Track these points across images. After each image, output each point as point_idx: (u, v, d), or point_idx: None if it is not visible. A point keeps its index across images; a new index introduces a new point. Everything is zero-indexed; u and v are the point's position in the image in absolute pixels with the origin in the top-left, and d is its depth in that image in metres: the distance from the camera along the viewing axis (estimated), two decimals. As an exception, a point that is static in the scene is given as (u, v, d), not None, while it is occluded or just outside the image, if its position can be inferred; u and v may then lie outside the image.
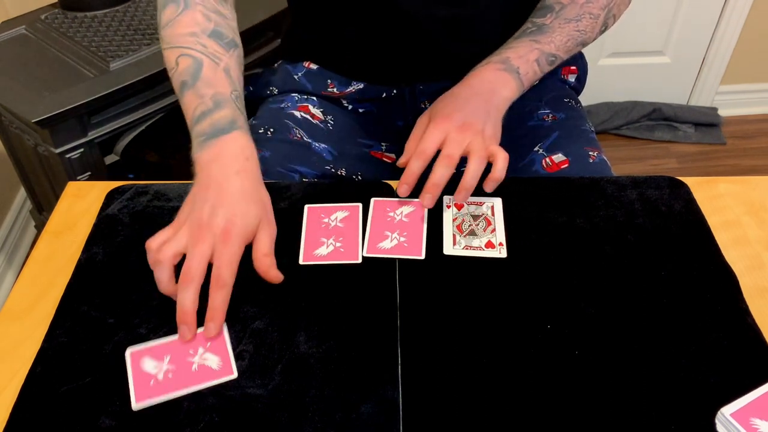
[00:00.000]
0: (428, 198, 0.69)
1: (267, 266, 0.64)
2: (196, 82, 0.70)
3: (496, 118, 0.74)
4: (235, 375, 0.58)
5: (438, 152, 0.71)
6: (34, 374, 0.58)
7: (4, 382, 0.58)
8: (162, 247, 0.61)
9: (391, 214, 0.72)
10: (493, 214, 0.72)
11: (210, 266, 0.61)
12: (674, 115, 2.08)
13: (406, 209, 0.73)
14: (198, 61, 0.71)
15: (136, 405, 0.55)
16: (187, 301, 0.59)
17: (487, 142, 0.71)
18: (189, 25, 0.73)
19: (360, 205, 0.73)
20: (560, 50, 0.80)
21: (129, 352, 0.59)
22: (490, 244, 0.69)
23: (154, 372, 0.58)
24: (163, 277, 0.61)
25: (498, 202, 0.73)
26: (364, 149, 0.93)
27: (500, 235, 0.70)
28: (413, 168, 0.70)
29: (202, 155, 0.66)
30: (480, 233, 0.70)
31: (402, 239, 0.69)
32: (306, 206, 0.73)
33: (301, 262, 0.68)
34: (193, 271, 0.59)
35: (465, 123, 0.71)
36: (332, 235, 0.70)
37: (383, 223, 0.71)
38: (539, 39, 0.79)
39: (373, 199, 0.74)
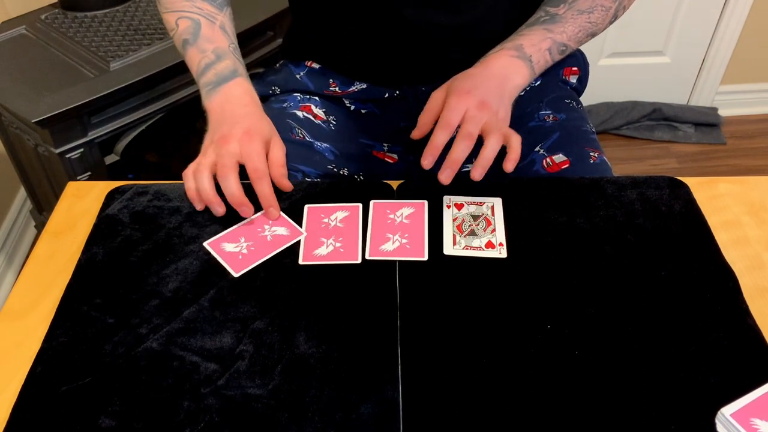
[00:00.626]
0: (448, 173, 0.70)
1: (281, 175, 0.73)
2: (197, 40, 0.79)
3: (508, 104, 0.76)
4: (305, 234, 0.70)
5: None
6: (34, 374, 0.58)
7: (4, 382, 0.58)
8: (197, 163, 0.71)
9: (392, 216, 0.72)
10: (493, 214, 0.72)
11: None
12: (674, 115, 2.08)
13: (406, 210, 0.73)
14: (196, 22, 0.79)
15: (236, 275, 0.66)
16: (231, 188, 0.69)
17: (500, 124, 0.73)
18: None
19: (360, 205, 0.73)
20: (571, 41, 0.81)
21: (206, 244, 0.69)
22: (490, 244, 0.69)
23: (237, 250, 0.68)
24: (205, 185, 0.70)
25: (498, 202, 0.73)
26: (367, 149, 0.93)
27: (500, 235, 0.70)
28: (439, 140, 0.72)
29: (212, 102, 0.76)
30: (480, 233, 0.70)
31: (404, 241, 0.69)
32: (306, 206, 0.73)
33: (300, 262, 0.68)
34: (226, 162, 0.70)
35: (483, 101, 0.73)
36: (332, 235, 0.70)
37: (384, 225, 0.71)
38: (552, 28, 0.80)
39: (372, 202, 0.74)
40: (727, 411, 0.54)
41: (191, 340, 0.60)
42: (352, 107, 0.95)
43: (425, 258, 0.68)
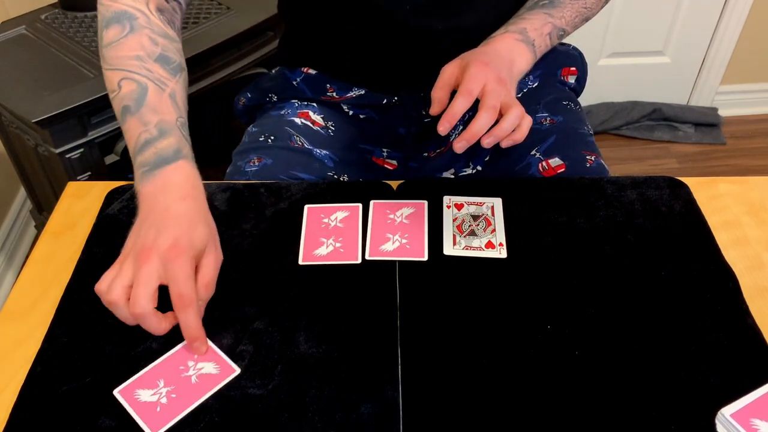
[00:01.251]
0: (464, 144, 0.66)
1: (202, 301, 0.61)
2: (140, 108, 0.66)
3: (515, 85, 0.75)
4: (238, 371, 0.58)
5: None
6: (34, 374, 0.58)
7: (4, 382, 0.58)
8: (110, 287, 0.58)
9: (392, 216, 0.72)
10: (493, 215, 0.72)
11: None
12: (674, 115, 2.08)
13: (407, 210, 0.73)
14: (143, 86, 0.67)
15: None
16: (151, 329, 0.58)
17: (515, 102, 0.70)
18: (134, 49, 0.69)
19: (360, 205, 0.73)
20: (569, 25, 0.81)
21: (117, 393, 0.56)
22: (490, 245, 0.69)
23: (155, 399, 0.56)
24: (123, 315, 0.58)
25: (498, 203, 0.73)
26: (366, 155, 0.93)
27: (500, 236, 0.70)
28: (459, 107, 0.67)
29: (146, 186, 0.64)
30: (480, 233, 0.70)
31: (404, 241, 0.69)
32: (306, 206, 0.73)
33: (300, 262, 0.68)
34: (141, 293, 0.57)
35: (500, 77, 0.70)
36: (332, 236, 0.70)
37: (384, 225, 0.71)
38: (552, 12, 0.80)
39: (372, 202, 0.74)
40: (727, 411, 0.54)
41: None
42: (351, 112, 0.95)
43: (425, 258, 0.68)
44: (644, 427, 0.54)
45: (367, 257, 0.68)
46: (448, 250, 0.68)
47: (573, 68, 0.98)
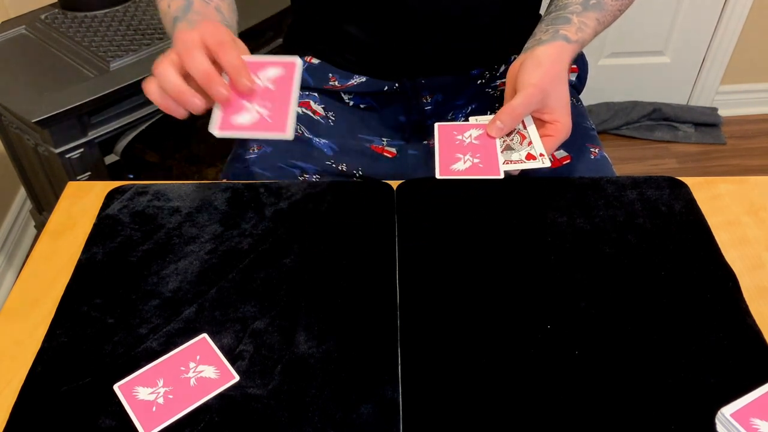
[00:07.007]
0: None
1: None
2: (186, 14, 0.70)
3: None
4: (237, 378, 0.57)
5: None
6: (34, 374, 0.58)
7: (4, 382, 0.58)
8: (155, 66, 0.62)
9: (459, 137, 0.73)
10: (525, 128, 0.72)
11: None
12: (674, 115, 2.08)
13: (475, 132, 0.73)
14: (189, 1, 0.71)
15: None
16: (199, 64, 0.61)
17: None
18: None
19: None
20: (604, 27, 0.80)
21: (117, 387, 0.56)
22: (530, 156, 0.69)
23: (152, 398, 0.56)
24: (170, 78, 0.62)
25: (527, 117, 0.72)
26: (365, 144, 0.93)
27: (538, 147, 0.70)
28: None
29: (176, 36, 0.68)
30: (517, 147, 0.70)
31: (476, 160, 0.70)
32: (436, 124, 0.76)
33: (438, 176, 0.71)
34: (187, 44, 0.62)
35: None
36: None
37: (453, 145, 0.72)
38: (600, 18, 0.78)
39: (437, 124, 0.75)
40: (727, 411, 0.54)
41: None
42: (351, 103, 0.95)
43: (501, 176, 0.70)
44: (644, 427, 0.54)
45: (437, 176, 0.70)
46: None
47: (573, 66, 0.98)
